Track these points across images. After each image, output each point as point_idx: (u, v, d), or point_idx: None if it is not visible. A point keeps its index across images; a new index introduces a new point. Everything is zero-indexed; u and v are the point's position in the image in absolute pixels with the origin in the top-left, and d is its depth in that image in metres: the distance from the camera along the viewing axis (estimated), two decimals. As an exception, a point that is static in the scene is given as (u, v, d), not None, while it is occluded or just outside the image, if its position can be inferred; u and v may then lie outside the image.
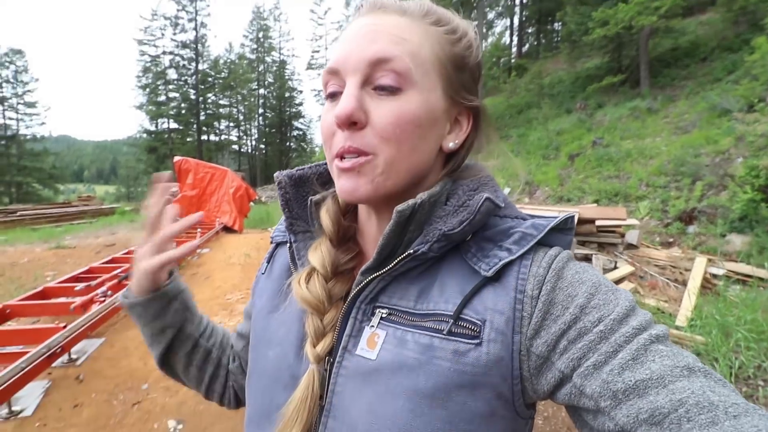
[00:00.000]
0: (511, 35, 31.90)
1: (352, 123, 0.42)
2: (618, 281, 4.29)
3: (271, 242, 0.62)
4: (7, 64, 30.48)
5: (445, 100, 0.46)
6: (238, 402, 0.69)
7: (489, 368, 0.40)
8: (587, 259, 4.66)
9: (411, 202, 0.43)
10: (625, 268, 4.47)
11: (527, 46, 31.60)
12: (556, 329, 0.40)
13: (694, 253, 5.07)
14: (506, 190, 8.74)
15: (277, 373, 0.50)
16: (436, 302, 0.43)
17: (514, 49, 31.23)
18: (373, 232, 0.51)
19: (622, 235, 5.14)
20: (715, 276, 4.42)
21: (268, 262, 0.61)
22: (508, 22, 32.09)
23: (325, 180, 0.54)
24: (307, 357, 0.47)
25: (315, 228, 0.52)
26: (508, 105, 19.37)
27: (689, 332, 3.25)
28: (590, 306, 0.40)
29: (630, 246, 5.07)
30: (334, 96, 0.45)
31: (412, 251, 0.44)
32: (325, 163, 0.54)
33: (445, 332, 0.41)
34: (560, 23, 22.58)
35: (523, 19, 30.74)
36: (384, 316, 0.45)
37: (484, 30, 25.61)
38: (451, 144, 0.48)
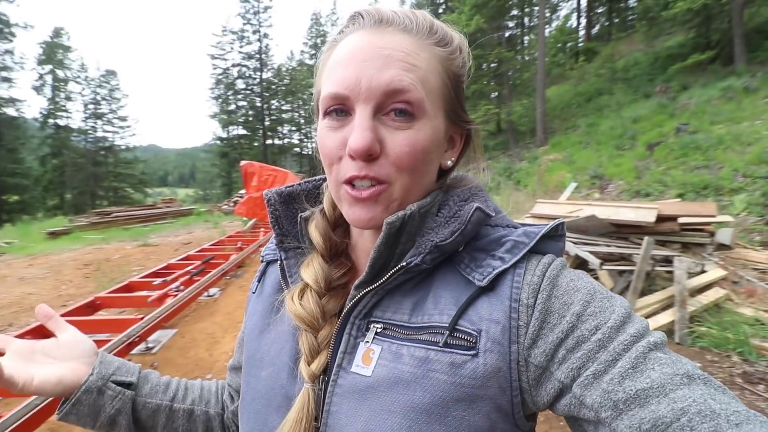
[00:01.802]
0: (579, 17, 29.76)
1: (368, 156, 0.41)
2: (706, 286, 3.77)
3: (262, 261, 0.61)
4: (104, 84, 34.80)
5: (446, 122, 0.46)
6: None
7: (487, 379, 0.39)
8: (668, 261, 4.15)
9: (401, 213, 0.43)
10: (714, 272, 3.91)
11: (597, 27, 29.20)
12: (553, 338, 0.39)
13: (808, 255, 4.30)
14: (572, 185, 8.11)
15: (270, 394, 0.48)
16: (430, 314, 0.43)
17: (582, 32, 29.08)
18: (366, 246, 0.50)
19: (712, 234, 4.51)
20: (836, 282, 3.71)
21: (259, 281, 0.60)
22: (574, 3, 29.94)
23: (313, 196, 0.54)
24: (301, 376, 0.45)
25: (305, 244, 0.51)
26: (575, 93, 18.12)
27: (801, 349, 2.75)
28: (586, 314, 0.39)
29: (722, 246, 4.44)
30: (336, 114, 0.43)
31: (404, 264, 0.43)
32: (314, 180, 0.55)
33: (440, 344, 0.41)
34: None
35: (592, -1, 28.43)
36: (379, 330, 0.44)
37: (547, 14, 24.09)
38: (449, 162, 0.49)
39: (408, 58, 0.42)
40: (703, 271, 3.92)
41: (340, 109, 0.43)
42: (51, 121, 31.62)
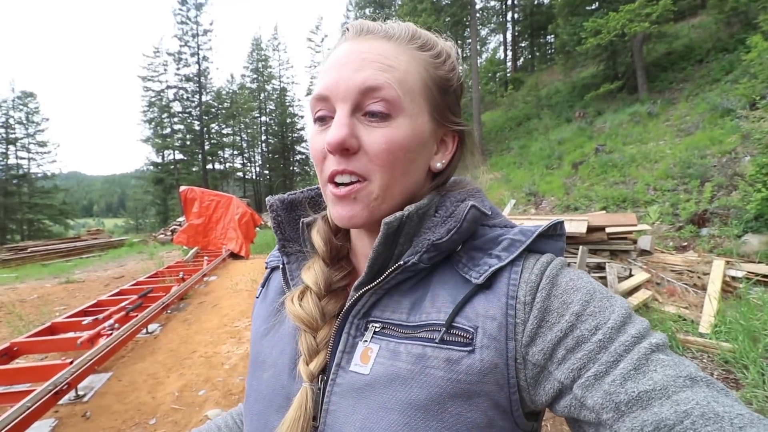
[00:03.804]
0: (505, 50, 32.47)
1: (344, 150, 0.43)
2: (634, 289, 4.17)
3: (266, 267, 0.61)
4: (20, 107, 31.49)
5: (431, 123, 0.47)
6: None
7: (483, 375, 0.39)
8: (600, 267, 4.55)
9: (398, 214, 0.44)
10: (640, 276, 4.35)
11: (522, 59, 32.08)
12: (551, 337, 0.39)
13: (711, 256, 4.94)
14: (511, 202, 8.67)
15: (271, 395, 0.48)
16: (428, 313, 0.43)
17: (509, 64, 31.71)
18: (364, 248, 0.51)
19: (635, 242, 5.03)
20: (734, 278, 4.28)
21: (263, 287, 0.60)
22: (501, 37, 32.70)
23: (315, 203, 0.55)
24: (300, 376, 0.46)
25: (307, 249, 0.52)
26: (507, 118, 19.52)
27: (714, 339, 3.12)
28: (586, 313, 0.39)
29: (643, 252, 4.96)
30: (323, 120, 0.46)
31: (402, 262, 0.44)
32: (317, 188, 0.55)
33: (437, 341, 0.41)
34: (553, 35, 22.94)
35: (516, 34, 31.32)
36: (377, 330, 0.45)
37: (478, 47, 26.08)
38: (438, 164, 0.50)
39: (385, 60, 0.44)
40: (630, 275, 4.34)
41: (324, 115, 0.45)
42: (-52, 147, 27.91)
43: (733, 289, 4.05)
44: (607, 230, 4.90)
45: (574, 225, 4.77)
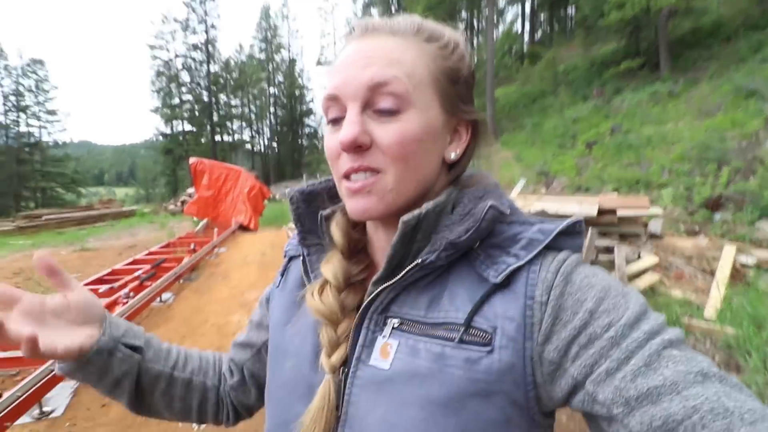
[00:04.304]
0: (523, 22, 31.27)
1: (357, 147, 0.44)
2: (641, 273, 4.17)
3: (284, 256, 0.62)
4: (29, 74, 31.41)
5: (443, 114, 0.47)
6: (237, 417, 0.69)
7: (502, 375, 0.40)
8: (609, 250, 4.53)
9: (416, 212, 0.44)
10: (648, 259, 4.33)
11: (540, 33, 30.90)
12: (566, 334, 0.40)
13: (722, 242, 4.88)
14: (522, 182, 8.57)
15: (294, 384, 0.51)
16: (446, 311, 0.44)
17: (526, 37, 30.62)
18: (381, 243, 0.51)
19: (645, 225, 4.98)
20: (744, 265, 4.25)
21: (282, 276, 0.61)
22: (519, 9, 31.41)
23: (334, 194, 0.54)
24: (322, 368, 0.47)
25: (326, 241, 0.53)
26: (521, 94, 19.03)
27: (719, 324, 3.13)
28: (600, 310, 0.40)
29: (653, 236, 4.92)
30: (336, 121, 0.47)
31: (420, 261, 0.44)
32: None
33: (456, 341, 0.42)
34: (574, 8, 21.97)
35: (535, 5, 30.03)
36: (396, 325, 0.46)
37: (495, 18, 25.13)
38: (452, 155, 0.50)
39: (391, 55, 0.44)
40: (639, 258, 4.32)
41: (336, 116, 0.46)
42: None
43: (743, 276, 4.03)
44: (618, 213, 4.85)
45: (585, 207, 4.73)
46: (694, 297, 3.69)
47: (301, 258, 0.54)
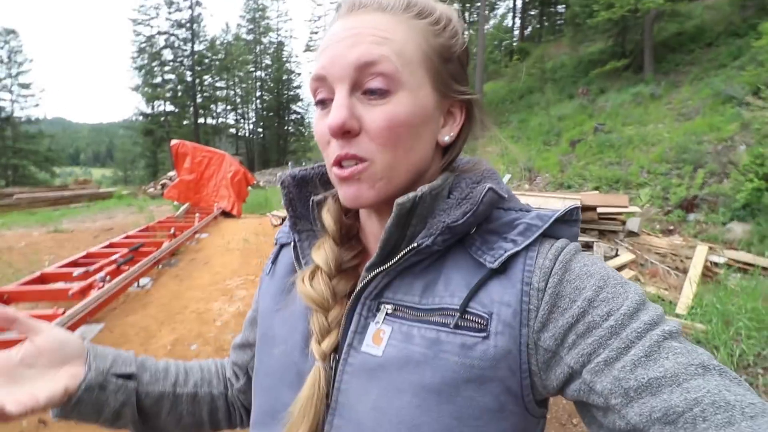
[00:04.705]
0: (514, 17, 31.33)
1: (345, 132, 0.42)
2: (619, 269, 4.29)
3: (276, 243, 0.61)
4: (1, 44, 29.83)
5: (435, 94, 0.45)
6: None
7: (497, 361, 0.40)
8: (588, 246, 4.65)
9: (411, 194, 0.43)
10: (625, 256, 4.47)
11: (530, 29, 31.02)
12: (563, 322, 0.39)
13: (695, 241, 5.07)
14: (506, 177, 8.67)
15: (283, 371, 0.49)
16: (441, 296, 0.43)
17: (516, 32, 30.69)
18: (374, 229, 0.50)
19: (623, 223, 5.12)
20: (715, 264, 4.42)
21: (273, 263, 0.60)
22: (510, 3, 31.43)
23: (326, 180, 0.53)
24: (312, 355, 0.46)
25: (317, 227, 0.52)
26: (509, 89, 19.13)
27: (689, 320, 3.26)
28: (599, 299, 0.39)
29: (631, 233, 5.06)
30: (324, 102, 0.45)
31: (416, 244, 0.43)
32: None
33: (451, 326, 0.41)
34: (564, 6, 22.11)
35: (527, 0, 30.09)
36: (389, 311, 0.45)
37: (486, 11, 25.09)
38: (446, 138, 0.48)
39: (379, 32, 0.42)
40: (616, 255, 4.45)
41: (324, 98, 0.45)
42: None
43: (714, 275, 4.19)
44: (598, 210, 4.97)
45: (567, 203, 4.81)
46: (667, 293, 3.82)
47: (292, 244, 0.53)
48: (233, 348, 0.66)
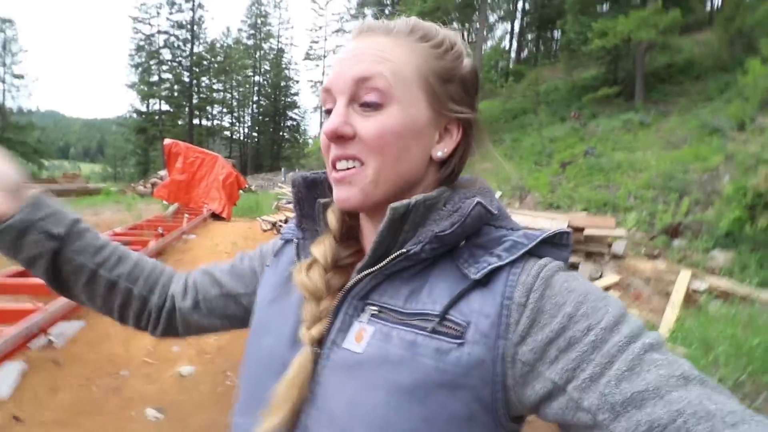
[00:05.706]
0: (511, 40, 32.06)
1: (339, 136, 0.46)
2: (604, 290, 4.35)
3: (281, 239, 0.63)
4: (-6, 32, 29.51)
5: (430, 111, 0.48)
6: (166, 332, 0.67)
7: (469, 369, 0.41)
8: (574, 267, 4.72)
9: (405, 201, 0.45)
10: (610, 278, 4.54)
11: (526, 52, 31.79)
12: (543, 336, 0.40)
13: (679, 267, 5.17)
14: (497, 194, 8.79)
15: (269, 361, 0.51)
16: (424, 303, 0.45)
17: (513, 54, 31.39)
18: (369, 232, 0.53)
19: (609, 245, 5.21)
20: (697, 290, 4.51)
21: (275, 256, 0.62)
22: (509, 27, 32.22)
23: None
24: (300, 341, 0.48)
25: (321, 228, 0.54)
26: (503, 109, 19.46)
27: (671, 343, 3.31)
28: (578, 314, 0.40)
29: (616, 256, 5.15)
30: (329, 112, 0.49)
31: (405, 250, 0.45)
32: None
33: (429, 330, 0.42)
34: (560, 31, 22.74)
35: (524, 24, 30.89)
36: (374, 313, 0.46)
37: (485, 33, 25.67)
38: (439, 153, 0.50)
39: (380, 53, 0.47)
40: (601, 276, 4.52)
41: (330, 108, 0.49)
42: None
43: (695, 300, 4.28)
44: (585, 232, 5.05)
45: (555, 223, 4.90)
46: (650, 317, 3.89)
47: (296, 241, 0.56)
48: (204, 272, 0.67)
